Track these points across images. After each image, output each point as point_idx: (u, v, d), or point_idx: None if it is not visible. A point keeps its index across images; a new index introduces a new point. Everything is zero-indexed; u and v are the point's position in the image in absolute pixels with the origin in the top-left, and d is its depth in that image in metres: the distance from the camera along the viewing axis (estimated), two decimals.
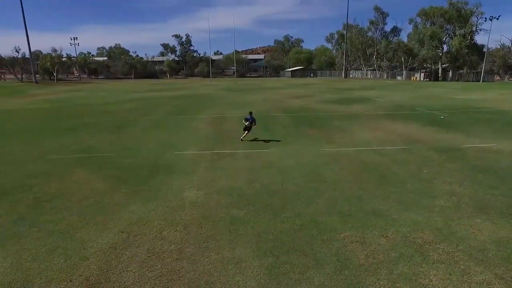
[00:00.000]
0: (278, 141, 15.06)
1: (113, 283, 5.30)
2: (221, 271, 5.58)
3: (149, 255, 6.08)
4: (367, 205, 8.12)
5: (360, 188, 9.25)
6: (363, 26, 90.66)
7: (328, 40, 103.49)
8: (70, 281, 5.34)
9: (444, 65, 73.69)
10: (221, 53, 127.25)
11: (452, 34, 70.43)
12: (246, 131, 14.89)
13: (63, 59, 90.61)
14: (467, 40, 67.88)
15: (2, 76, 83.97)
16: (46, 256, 6.04)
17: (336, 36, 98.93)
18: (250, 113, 15.21)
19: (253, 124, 14.89)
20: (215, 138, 15.83)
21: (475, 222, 7.15)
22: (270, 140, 15.14)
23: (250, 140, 14.97)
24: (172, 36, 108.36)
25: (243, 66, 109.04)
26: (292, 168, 11.04)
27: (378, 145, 13.99)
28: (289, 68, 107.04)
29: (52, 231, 6.98)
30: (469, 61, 71.66)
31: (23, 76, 78.90)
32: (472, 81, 68.11)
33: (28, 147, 14.39)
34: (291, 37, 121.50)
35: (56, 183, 9.87)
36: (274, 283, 5.29)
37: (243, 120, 15.03)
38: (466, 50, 67.64)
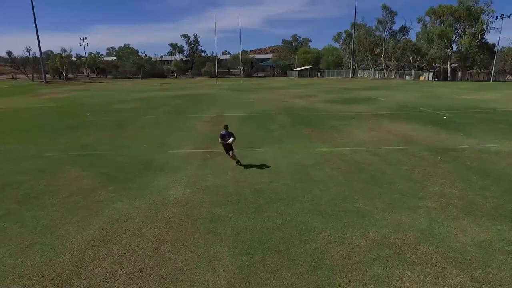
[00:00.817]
0: (274, 140, 15.00)
1: (84, 279, 5.33)
2: (193, 269, 5.57)
3: (124, 252, 6.11)
4: (351, 205, 8.01)
5: (348, 188, 9.13)
6: (371, 26, 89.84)
7: (335, 39, 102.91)
8: (42, 276, 5.40)
9: (454, 65, 72.46)
10: (229, 53, 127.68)
11: (462, 33, 69.18)
12: (231, 152, 11.08)
13: (73, 59, 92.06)
14: (477, 39, 66.67)
15: (14, 76, 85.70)
16: (24, 251, 6.12)
17: (343, 35, 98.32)
18: (226, 127, 11.08)
19: (233, 139, 10.93)
20: (210, 137, 15.80)
21: (460, 224, 6.98)
22: (266, 140, 15.09)
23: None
24: (180, 36, 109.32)
25: (251, 66, 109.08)
26: (282, 168, 10.97)
27: (373, 145, 13.80)
28: (296, 67, 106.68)
29: (34, 227, 7.07)
30: (479, 60, 70.23)
31: (33, 75, 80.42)
32: (483, 81, 66.83)
33: (26, 145, 14.64)
34: (299, 36, 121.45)
35: (47, 180, 10.00)
36: (244, 282, 5.25)
37: (219, 139, 11.00)
38: (476, 49, 66.42)
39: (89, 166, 11.39)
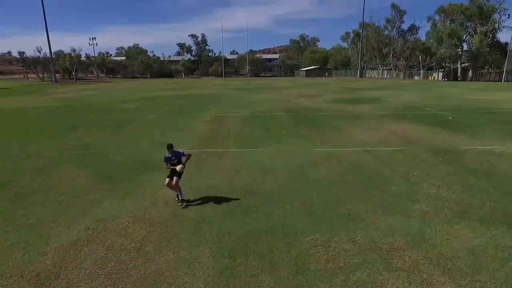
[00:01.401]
0: (273, 140, 14.85)
1: (62, 280, 5.29)
2: (172, 271, 5.48)
3: (106, 252, 6.05)
4: (343, 207, 7.81)
5: (342, 189, 8.93)
6: (379, 25, 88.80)
7: (343, 39, 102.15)
8: (21, 276, 5.37)
9: (464, 64, 71.03)
10: (237, 53, 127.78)
11: (473, 32, 67.75)
12: (175, 179, 7.91)
13: (82, 58, 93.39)
14: (488, 38, 65.19)
15: (25, 75, 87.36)
16: (6, 250, 6.11)
17: (351, 35, 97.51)
18: (170, 146, 7.92)
19: (184, 160, 8.07)
20: (209, 137, 15.78)
21: (453, 229, 6.73)
22: (265, 139, 14.95)
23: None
24: (188, 36, 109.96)
25: (258, 66, 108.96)
26: (278, 168, 10.82)
27: (374, 146, 13.53)
28: (304, 67, 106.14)
29: (21, 226, 7.07)
30: (491, 60, 68.67)
31: (44, 75, 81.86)
32: (494, 81, 65.37)
33: (27, 144, 14.79)
34: (307, 36, 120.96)
35: (42, 178, 10.05)
36: (222, 285, 5.14)
37: (163, 165, 8.12)
38: (488, 49, 64.89)
39: (86, 165, 11.42)
